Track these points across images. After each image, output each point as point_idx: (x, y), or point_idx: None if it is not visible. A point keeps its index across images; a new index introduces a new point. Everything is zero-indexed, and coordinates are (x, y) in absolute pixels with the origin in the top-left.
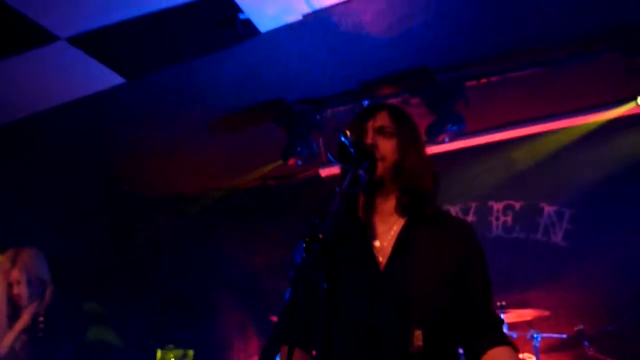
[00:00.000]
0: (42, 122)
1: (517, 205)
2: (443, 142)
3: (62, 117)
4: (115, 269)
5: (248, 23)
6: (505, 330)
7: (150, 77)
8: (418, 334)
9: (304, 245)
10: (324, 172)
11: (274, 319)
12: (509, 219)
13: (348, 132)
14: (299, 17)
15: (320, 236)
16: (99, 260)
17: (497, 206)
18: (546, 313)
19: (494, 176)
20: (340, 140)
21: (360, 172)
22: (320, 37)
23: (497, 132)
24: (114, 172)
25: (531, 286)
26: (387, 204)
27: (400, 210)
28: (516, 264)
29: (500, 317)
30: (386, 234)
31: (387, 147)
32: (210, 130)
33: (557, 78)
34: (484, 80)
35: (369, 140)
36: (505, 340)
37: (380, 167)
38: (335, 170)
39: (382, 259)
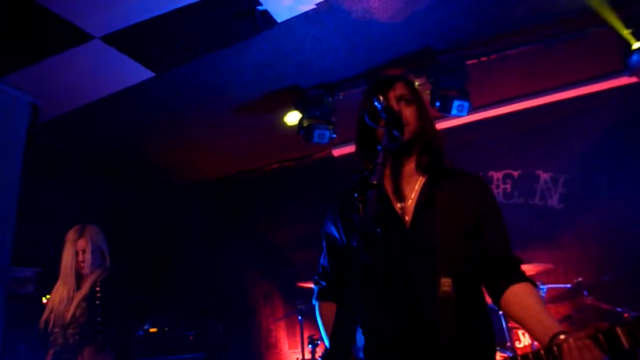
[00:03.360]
0: (81, 118)
1: (516, 173)
2: (447, 118)
3: (99, 111)
4: (154, 251)
5: (266, 14)
6: None
7: (177, 70)
8: (445, 281)
9: (356, 194)
10: (337, 152)
11: (300, 284)
12: (508, 186)
13: (381, 97)
14: (313, 6)
15: (375, 182)
16: (141, 243)
17: (497, 175)
18: (548, 266)
19: (494, 148)
20: (373, 104)
21: (395, 132)
22: (332, 25)
23: (496, 107)
24: (148, 161)
25: (531, 246)
26: (410, 165)
27: (421, 168)
28: (516, 226)
29: (518, 257)
30: (410, 194)
31: (409, 113)
32: (232, 117)
33: (551, 54)
34: (484, 59)
35: (394, 107)
36: (524, 277)
37: (407, 132)
38: (346, 150)
39: (407, 217)
